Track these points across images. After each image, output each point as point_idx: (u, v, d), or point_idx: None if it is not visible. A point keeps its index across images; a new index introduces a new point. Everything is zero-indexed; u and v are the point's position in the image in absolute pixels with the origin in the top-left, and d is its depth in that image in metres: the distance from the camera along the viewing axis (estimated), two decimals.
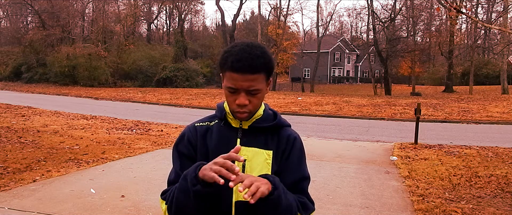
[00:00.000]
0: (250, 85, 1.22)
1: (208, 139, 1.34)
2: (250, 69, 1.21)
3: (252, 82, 1.22)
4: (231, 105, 1.28)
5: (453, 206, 4.52)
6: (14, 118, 11.79)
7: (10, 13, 39.90)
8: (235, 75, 1.22)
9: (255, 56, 1.22)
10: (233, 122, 1.34)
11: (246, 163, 1.30)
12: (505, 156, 7.62)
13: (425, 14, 36.05)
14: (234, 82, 1.22)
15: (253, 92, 1.24)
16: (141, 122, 12.14)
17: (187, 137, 1.36)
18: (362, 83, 57.69)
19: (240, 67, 1.20)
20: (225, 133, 1.34)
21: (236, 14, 39.36)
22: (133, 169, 5.98)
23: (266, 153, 1.32)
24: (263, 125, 1.33)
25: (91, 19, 37.73)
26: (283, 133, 1.37)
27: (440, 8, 21.03)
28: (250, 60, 1.20)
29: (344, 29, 66.17)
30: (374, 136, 10.57)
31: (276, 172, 1.33)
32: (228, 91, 1.26)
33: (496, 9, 31.09)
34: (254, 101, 1.26)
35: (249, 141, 1.32)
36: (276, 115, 1.38)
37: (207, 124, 1.38)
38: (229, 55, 1.23)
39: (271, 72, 1.30)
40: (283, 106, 17.61)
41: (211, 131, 1.36)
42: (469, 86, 31.62)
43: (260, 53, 1.23)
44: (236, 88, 1.23)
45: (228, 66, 1.23)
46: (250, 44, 1.25)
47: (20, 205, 4.22)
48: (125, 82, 33.45)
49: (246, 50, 1.22)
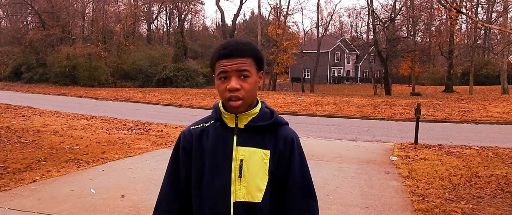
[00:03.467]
0: (239, 66, 1.26)
1: (204, 140, 1.34)
2: (237, 52, 1.27)
3: (241, 64, 1.26)
4: (224, 94, 1.28)
5: (453, 206, 4.52)
6: (14, 118, 11.79)
7: (10, 13, 39.87)
8: (224, 61, 1.27)
9: (241, 43, 1.31)
10: (228, 122, 1.33)
11: (243, 163, 1.29)
12: (505, 156, 7.62)
13: (425, 14, 36.04)
14: (224, 67, 1.26)
15: (244, 75, 1.27)
16: (141, 122, 12.14)
17: (182, 144, 1.38)
18: (362, 83, 57.66)
19: (226, 53, 1.27)
20: (221, 133, 1.33)
21: (236, 14, 39.50)
22: (133, 169, 5.98)
23: (263, 152, 1.31)
24: (259, 123, 1.32)
25: (91, 19, 37.71)
26: (281, 132, 1.36)
27: (440, 8, 21.05)
28: (236, 45, 1.29)
29: (344, 29, 66.09)
30: (374, 136, 10.56)
31: (273, 172, 1.32)
32: (219, 80, 1.29)
33: (496, 9, 31.10)
34: (245, 86, 1.27)
35: (245, 140, 1.31)
36: (273, 113, 1.37)
37: (202, 126, 1.37)
38: (216, 49, 1.31)
39: (260, 62, 1.33)
40: (283, 107, 17.60)
41: (207, 132, 1.35)
42: (469, 86, 31.61)
43: (245, 42, 1.32)
44: (226, 71, 1.26)
45: (216, 57, 1.29)
46: (236, 39, 1.38)
47: (20, 205, 4.22)
48: (125, 82, 33.43)
49: (231, 41, 1.33)
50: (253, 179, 1.29)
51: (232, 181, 1.29)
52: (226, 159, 1.30)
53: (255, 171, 1.29)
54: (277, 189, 1.35)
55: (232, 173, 1.29)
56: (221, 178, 1.29)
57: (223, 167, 1.30)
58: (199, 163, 1.33)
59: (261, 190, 1.29)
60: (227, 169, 1.30)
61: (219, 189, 1.29)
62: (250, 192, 1.29)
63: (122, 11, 38.74)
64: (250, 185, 1.29)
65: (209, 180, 1.31)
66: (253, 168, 1.29)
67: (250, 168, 1.29)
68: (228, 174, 1.29)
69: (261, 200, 1.29)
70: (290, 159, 1.35)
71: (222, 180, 1.29)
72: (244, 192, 1.29)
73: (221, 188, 1.29)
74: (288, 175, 1.34)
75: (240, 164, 1.29)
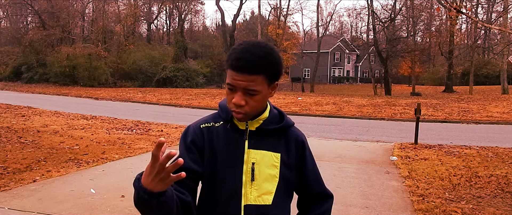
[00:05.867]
0: (248, 85, 1.18)
1: (215, 140, 1.30)
2: (248, 69, 1.17)
3: (250, 82, 1.18)
4: (229, 104, 1.26)
5: (453, 206, 4.51)
6: (14, 118, 11.79)
7: (10, 13, 39.92)
8: (233, 73, 1.19)
9: (257, 57, 1.17)
10: (239, 124, 1.30)
11: (255, 166, 1.28)
12: (505, 156, 7.62)
13: (425, 14, 36.08)
14: (232, 80, 1.20)
15: (251, 93, 1.20)
16: (141, 122, 12.14)
17: (191, 138, 1.30)
18: (362, 83, 57.66)
19: (238, 66, 1.17)
20: (232, 135, 1.30)
21: (236, 14, 39.44)
22: (133, 169, 5.98)
23: (274, 155, 1.30)
24: (270, 127, 1.31)
25: (91, 19, 37.76)
26: (290, 134, 1.35)
27: (440, 8, 21.05)
28: (250, 61, 1.17)
29: (344, 29, 66.20)
30: (374, 136, 10.56)
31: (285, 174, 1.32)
32: (227, 89, 1.23)
33: (496, 9, 31.14)
34: (251, 103, 1.21)
35: (256, 144, 1.29)
36: (283, 115, 1.36)
37: (212, 124, 1.33)
38: (232, 52, 1.21)
39: (276, 75, 1.24)
40: (283, 107, 17.59)
41: (216, 132, 1.31)
42: (469, 86, 31.62)
43: (263, 54, 1.19)
44: (233, 86, 1.20)
45: (228, 64, 1.21)
46: (256, 44, 1.21)
47: (20, 205, 4.22)
48: (125, 83, 33.44)
49: (248, 50, 1.18)
50: (264, 182, 1.28)
51: (243, 184, 1.27)
52: (237, 161, 1.28)
53: (267, 174, 1.28)
54: (293, 189, 1.38)
55: (243, 176, 1.27)
56: (233, 180, 1.27)
57: (235, 170, 1.28)
58: (211, 163, 1.29)
59: (271, 193, 1.29)
60: (239, 172, 1.28)
61: (231, 191, 1.27)
62: (261, 195, 1.28)
63: (122, 11, 38.75)
64: (261, 188, 1.28)
65: (220, 183, 1.28)
66: (264, 171, 1.28)
67: (262, 171, 1.28)
68: (239, 177, 1.28)
69: (271, 203, 1.28)
70: (303, 160, 1.36)
71: (234, 183, 1.27)
72: (255, 195, 1.27)
73: (233, 191, 1.27)
74: (303, 175, 1.37)
75: (252, 167, 1.28)
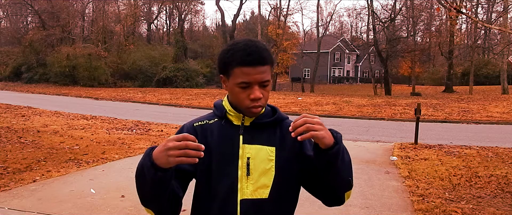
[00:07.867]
0: (262, 77, 1.24)
1: (209, 137, 1.32)
2: (261, 61, 1.23)
3: (263, 74, 1.24)
4: (244, 102, 1.27)
5: (453, 206, 4.52)
6: (14, 118, 11.79)
7: (10, 13, 39.88)
8: (247, 69, 1.23)
9: (262, 49, 1.25)
10: (234, 120, 1.33)
11: (250, 160, 1.29)
12: (505, 156, 7.62)
13: (425, 14, 36.06)
14: (247, 77, 1.23)
15: (265, 84, 1.26)
16: (141, 122, 12.14)
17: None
18: (362, 83, 57.65)
19: (251, 60, 1.22)
20: (227, 131, 1.32)
21: (236, 14, 39.44)
22: (133, 169, 5.96)
23: (269, 149, 1.31)
24: (264, 120, 1.33)
25: (91, 19, 37.74)
26: (285, 126, 1.36)
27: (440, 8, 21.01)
28: (260, 53, 1.24)
29: (344, 29, 66.18)
30: (374, 136, 10.57)
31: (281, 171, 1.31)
32: (240, 88, 1.25)
33: (496, 9, 31.12)
34: (265, 94, 1.28)
35: (251, 138, 1.31)
36: (276, 109, 1.39)
37: (206, 123, 1.36)
38: (235, 51, 1.24)
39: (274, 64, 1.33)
40: (283, 107, 17.59)
41: (211, 129, 1.33)
42: (469, 87, 31.61)
43: (263, 45, 1.27)
44: (249, 82, 1.23)
45: (237, 62, 1.23)
46: (252, 39, 1.30)
47: (20, 205, 4.22)
48: (125, 83, 33.42)
49: (252, 44, 1.25)
50: (260, 176, 1.30)
51: (239, 179, 1.29)
52: (233, 157, 1.30)
53: (262, 168, 1.30)
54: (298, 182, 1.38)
55: (239, 171, 1.29)
56: (228, 176, 1.29)
57: (230, 165, 1.29)
58: (206, 161, 1.29)
59: (268, 187, 1.30)
60: (234, 167, 1.29)
61: (227, 186, 1.29)
62: (257, 189, 1.29)
63: (122, 11, 38.76)
64: (257, 182, 1.29)
65: (216, 178, 1.30)
66: (260, 165, 1.30)
67: (257, 165, 1.29)
68: (235, 172, 1.29)
69: (268, 196, 1.29)
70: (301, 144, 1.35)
71: (230, 178, 1.29)
72: (251, 189, 1.29)
73: (229, 186, 1.29)
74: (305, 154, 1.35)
75: (247, 161, 1.29)
